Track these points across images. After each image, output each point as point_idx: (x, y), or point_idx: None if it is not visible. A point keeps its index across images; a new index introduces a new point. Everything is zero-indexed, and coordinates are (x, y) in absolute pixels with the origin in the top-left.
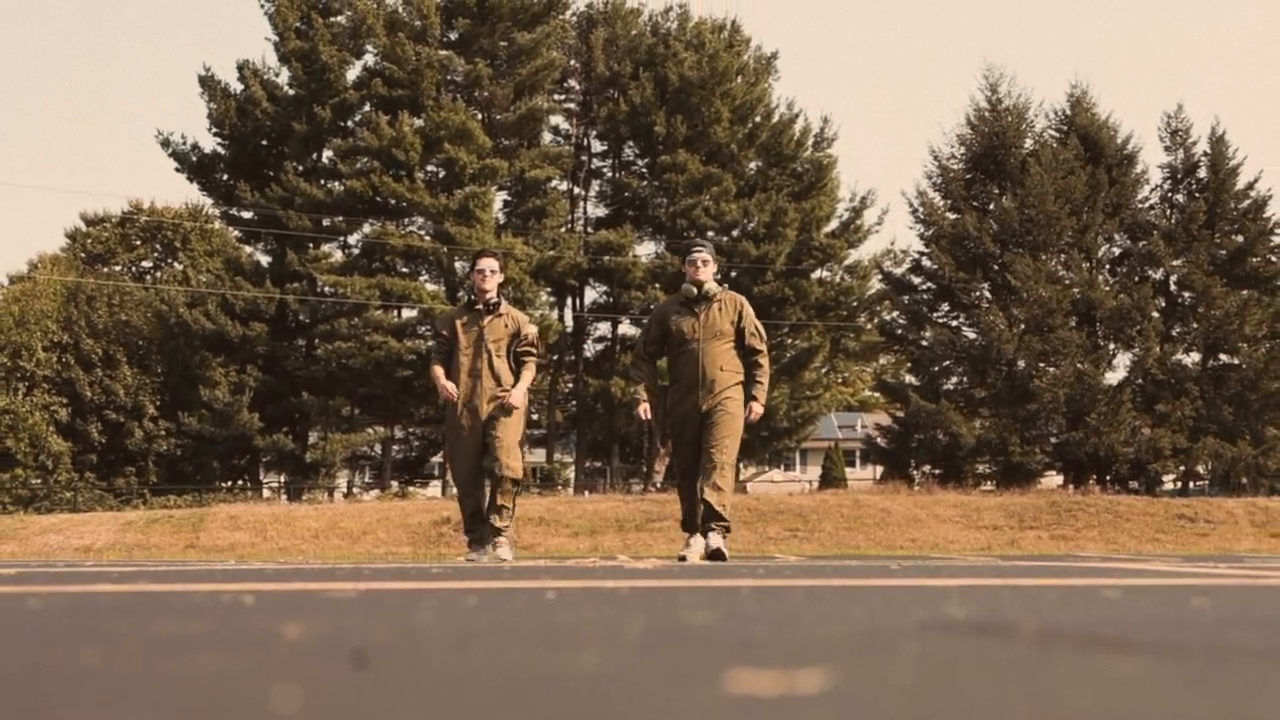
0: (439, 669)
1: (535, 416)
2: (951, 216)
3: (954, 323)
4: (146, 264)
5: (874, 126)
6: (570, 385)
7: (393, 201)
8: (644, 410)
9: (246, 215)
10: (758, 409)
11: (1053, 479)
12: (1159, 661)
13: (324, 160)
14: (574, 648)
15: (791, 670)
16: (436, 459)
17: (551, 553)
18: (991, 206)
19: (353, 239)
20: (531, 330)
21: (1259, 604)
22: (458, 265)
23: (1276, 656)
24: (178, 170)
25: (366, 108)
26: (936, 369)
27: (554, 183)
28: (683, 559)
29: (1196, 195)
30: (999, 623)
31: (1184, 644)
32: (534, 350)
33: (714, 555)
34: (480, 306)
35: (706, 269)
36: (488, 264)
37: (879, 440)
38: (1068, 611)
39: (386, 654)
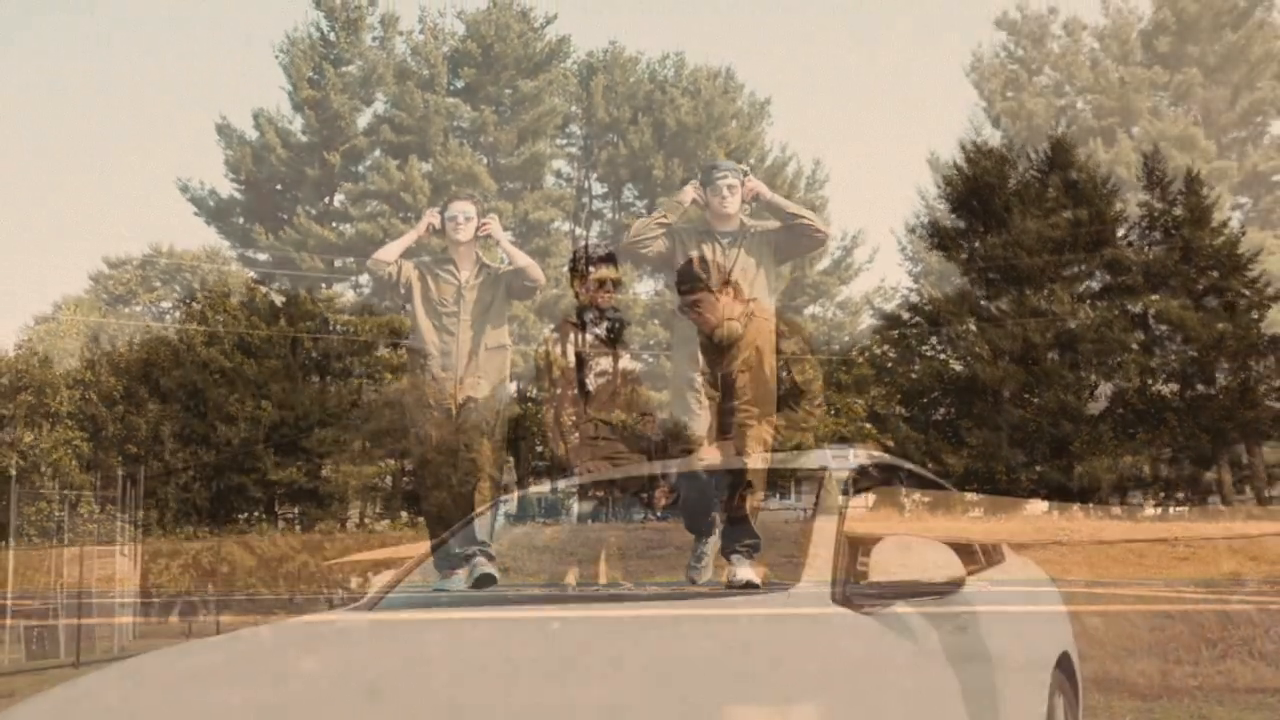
0: (448, 700)
1: (539, 449)
2: (939, 254)
3: (941, 356)
4: (166, 304)
5: (864, 168)
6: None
7: None
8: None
9: (262, 257)
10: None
11: (1038, 506)
12: None
13: (335, 204)
14: (579, 678)
15: (786, 706)
16: None
17: (555, 580)
18: (977, 245)
19: (363, 279)
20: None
21: None
22: None
23: None
24: (196, 214)
25: (376, 153)
26: (925, 400)
27: (556, 224)
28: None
29: (1173, 232)
30: (978, 651)
31: None
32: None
33: (746, 586)
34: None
35: (734, 197)
36: (460, 209)
37: (870, 469)
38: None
39: (397, 684)
